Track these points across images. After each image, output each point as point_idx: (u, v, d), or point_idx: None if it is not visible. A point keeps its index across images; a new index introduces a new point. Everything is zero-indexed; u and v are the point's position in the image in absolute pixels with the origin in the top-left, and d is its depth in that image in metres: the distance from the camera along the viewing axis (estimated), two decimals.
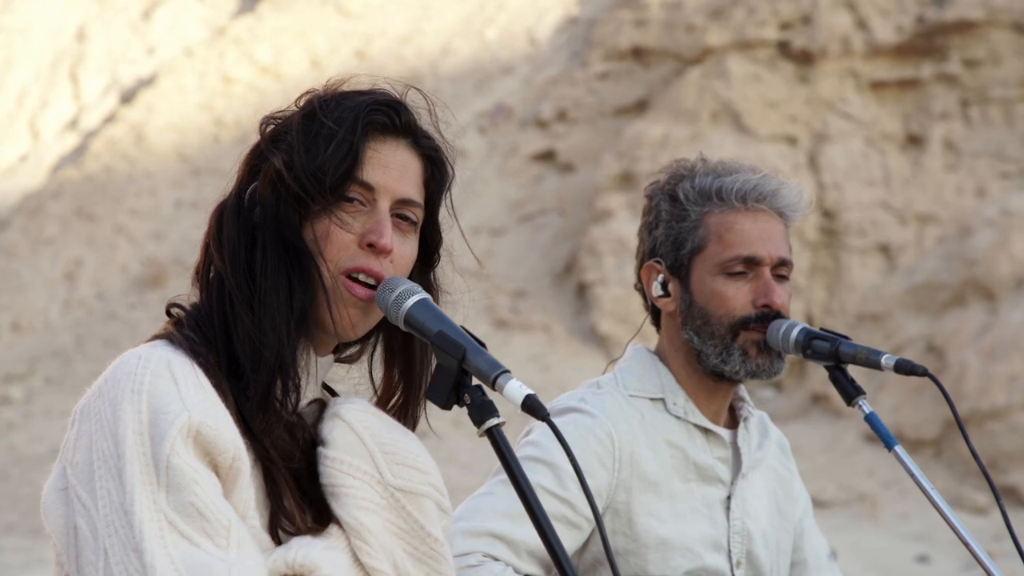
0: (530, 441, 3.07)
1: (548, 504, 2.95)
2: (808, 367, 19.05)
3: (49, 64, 27.82)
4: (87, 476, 2.06)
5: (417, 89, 2.29)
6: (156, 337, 2.19)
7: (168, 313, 2.23)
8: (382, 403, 2.29)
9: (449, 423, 16.40)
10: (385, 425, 2.23)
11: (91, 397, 2.12)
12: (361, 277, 2.19)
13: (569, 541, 3.03)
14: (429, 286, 2.29)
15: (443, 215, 2.33)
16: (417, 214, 2.25)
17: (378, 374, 2.32)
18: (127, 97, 27.04)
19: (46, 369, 21.31)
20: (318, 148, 2.18)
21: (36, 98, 27.44)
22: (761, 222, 3.14)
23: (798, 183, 3.21)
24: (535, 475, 3.00)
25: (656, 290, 3.17)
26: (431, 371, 2.25)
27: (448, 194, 2.30)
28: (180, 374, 2.09)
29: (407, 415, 2.30)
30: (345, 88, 2.26)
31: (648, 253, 3.19)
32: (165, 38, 28.06)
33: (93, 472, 2.06)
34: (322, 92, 2.26)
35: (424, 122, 2.28)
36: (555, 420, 3.01)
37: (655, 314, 3.23)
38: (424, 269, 2.29)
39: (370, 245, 2.18)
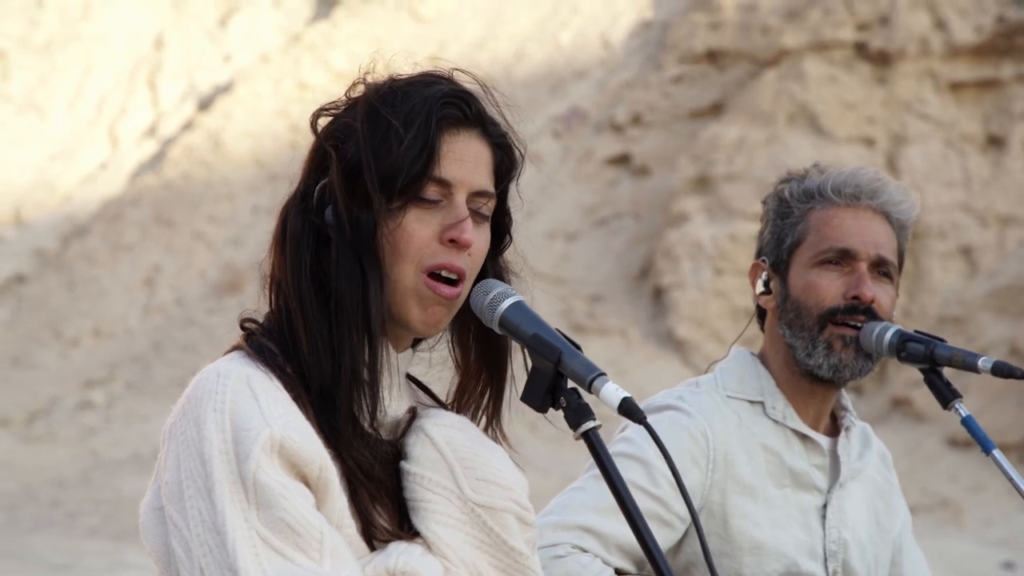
0: (624, 438, 3.07)
1: (640, 501, 2.92)
2: (889, 371, 18.88)
3: (128, 72, 28.11)
4: (177, 496, 2.07)
5: (462, 71, 2.24)
6: (234, 348, 2.18)
7: (242, 327, 2.22)
8: (461, 389, 2.28)
9: (526, 428, 16.37)
10: (469, 440, 2.21)
11: (176, 416, 2.12)
12: (444, 273, 2.17)
13: (661, 539, 3.01)
14: (500, 269, 2.28)
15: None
16: (489, 206, 2.23)
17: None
18: (204, 104, 27.28)
19: (126, 374, 21.52)
20: (390, 146, 2.15)
21: (115, 105, 27.73)
22: (862, 219, 3.12)
23: (904, 185, 3.19)
24: (628, 471, 2.98)
25: (759, 288, 3.18)
26: (512, 363, 2.25)
27: (516, 185, 2.28)
28: (260, 389, 2.09)
29: (493, 412, 2.28)
30: (399, 77, 2.22)
31: (756, 254, 3.21)
32: (241, 45, 28.28)
33: (183, 492, 2.07)
34: (378, 84, 2.21)
35: (488, 107, 2.24)
36: (651, 417, 2.99)
37: (761, 315, 3.22)
38: (494, 253, 2.27)
39: (451, 240, 2.17)
